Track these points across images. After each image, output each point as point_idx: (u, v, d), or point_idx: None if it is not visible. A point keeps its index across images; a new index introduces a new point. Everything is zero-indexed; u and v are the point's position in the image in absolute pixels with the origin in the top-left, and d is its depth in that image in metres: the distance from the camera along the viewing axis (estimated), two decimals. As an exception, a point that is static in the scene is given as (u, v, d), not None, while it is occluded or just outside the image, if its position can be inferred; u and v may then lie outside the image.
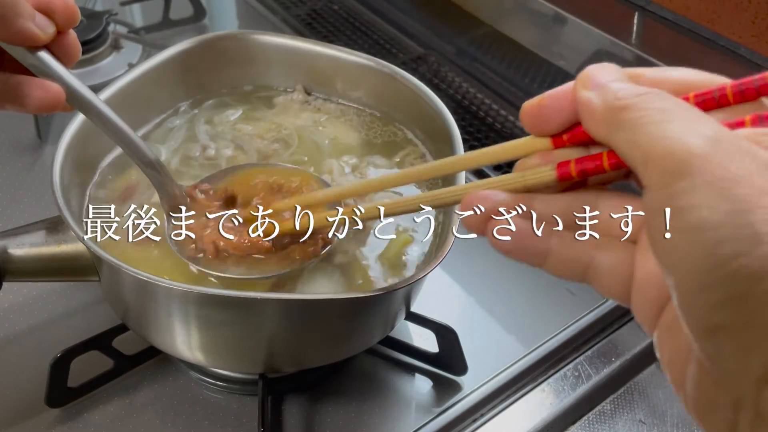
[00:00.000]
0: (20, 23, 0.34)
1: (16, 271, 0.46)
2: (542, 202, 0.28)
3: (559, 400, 0.54)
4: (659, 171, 0.22)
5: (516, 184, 0.28)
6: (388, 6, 1.02)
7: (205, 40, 0.60)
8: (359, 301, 0.44)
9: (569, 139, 0.27)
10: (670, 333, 0.24)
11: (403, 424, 0.52)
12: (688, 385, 0.23)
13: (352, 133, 0.60)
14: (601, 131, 0.25)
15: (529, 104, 0.28)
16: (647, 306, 0.25)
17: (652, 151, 0.22)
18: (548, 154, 0.28)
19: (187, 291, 0.41)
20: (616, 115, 0.24)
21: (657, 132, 0.22)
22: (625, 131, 0.23)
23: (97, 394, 0.52)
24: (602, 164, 0.26)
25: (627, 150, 0.23)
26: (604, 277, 0.26)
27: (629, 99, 0.24)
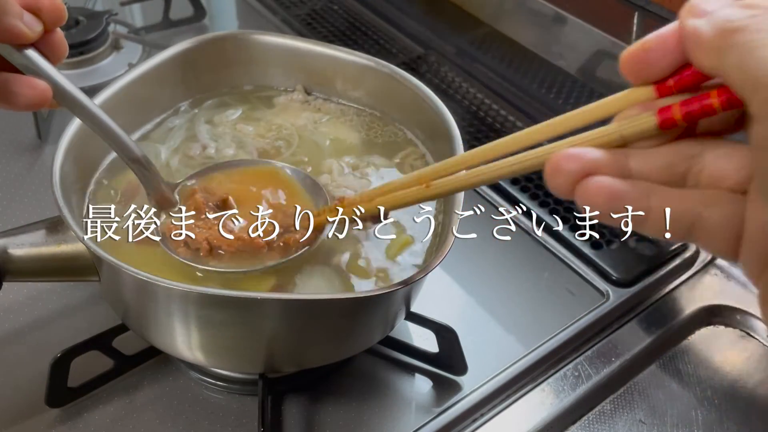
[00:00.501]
0: (8, 21, 0.34)
1: (16, 271, 0.46)
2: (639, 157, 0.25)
3: (559, 400, 0.54)
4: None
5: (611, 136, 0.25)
6: (388, 6, 1.02)
7: (205, 40, 0.60)
8: (359, 301, 0.44)
9: (675, 84, 0.25)
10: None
11: (403, 424, 0.52)
12: None
13: (352, 133, 0.60)
14: (711, 59, 0.23)
15: (630, 50, 0.25)
16: (757, 259, 0.23)
17: (764, 77, 0.20)
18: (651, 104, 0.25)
19: (187, 291, 0.41)
20: (727, 38, 0.22)
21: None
22: (736, 56, 0.21)
23: (97, 394, 0.52)
24: (711, 103, 0.23)
25: (737, 77, 0.21)
26: (713, 233, 0.24)
27: (742, 21, 0.22)
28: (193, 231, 0.45)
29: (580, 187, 0.25)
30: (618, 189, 0.24)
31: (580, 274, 0.63)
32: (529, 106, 0.84)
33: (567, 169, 0.25)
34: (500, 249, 0.66)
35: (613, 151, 0.25)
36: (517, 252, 0.66)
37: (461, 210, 0.46)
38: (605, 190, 0.24)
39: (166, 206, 0.47)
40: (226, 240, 0.44)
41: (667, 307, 0.61)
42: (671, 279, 0.63)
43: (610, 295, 0.61)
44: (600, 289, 0.62)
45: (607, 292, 0.62)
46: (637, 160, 0.25)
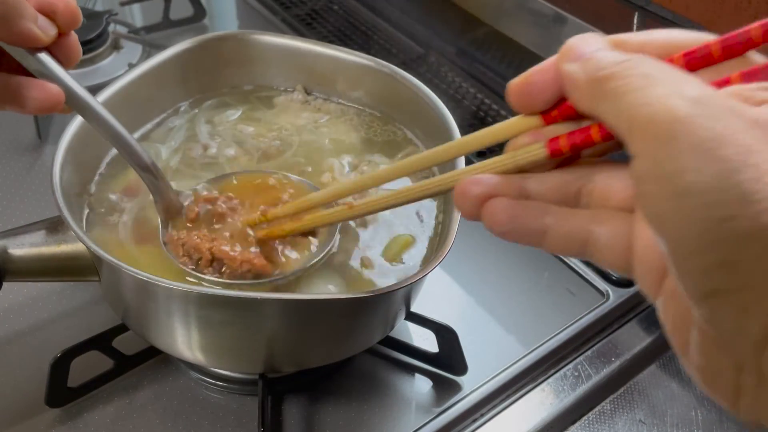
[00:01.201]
0: (22, 24, 0.34)
1: (16, 271, 0.46)
2: (535, 180, 0.27)
3: (559, 400, 0.54)
4: (643, 138, 0.21)
5: (507, 165, 0.28)
6: (388, 6, 1.02)
7: (205, 40, 0.60)
8: (359, 301, 0.44)
9: (559, 114, 0.27)
10: (673, 299, 0.23)
11: (403, 424, 0.52)
12: (692, 351, 0.23)
13: (352, 132, 0.60)
14: (587, 104, 0.24)
15: (514, 82, 0.27)
16: (650, 274, 0.24)
17: (636, 119, 0.21)
18: (539, 132, 0.27)
19: (188, 291, 0.41)
20: (600, 85, 0.23)
21: (639, 99, 0.22)
22: (609, 101, 0.23)
23: (97, 394, 0.52)
24: (592, 136, 0.25)
25: (613, 120, 0.23)
26: (604, 249, 0.26)
27: (611, 68, 0.23)
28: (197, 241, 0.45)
29: (485, 208, 0.27)
30: (516, 209, 0.26)
31: (580, 274, 0.63)
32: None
33: (473, 193, 0.27)
34: (500, 249, 0.66)
35: (511, 176, 0.28)
36: (517, 252, 0.66)
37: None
38: (506, 210, 0.26)
39: (173, 214, 0.46)
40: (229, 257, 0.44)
41: (667, 307, 0.61)
42: (671, 279, 0.63)
43: (610, 295, 0.61)
44: (600, 289, 0.62)
45: (607, 292, 0.62)
46: (533, 182, 0.27)
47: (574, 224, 0.26)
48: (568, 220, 0.26)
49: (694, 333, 0.22)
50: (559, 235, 0.26)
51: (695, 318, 0.22)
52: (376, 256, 0.50)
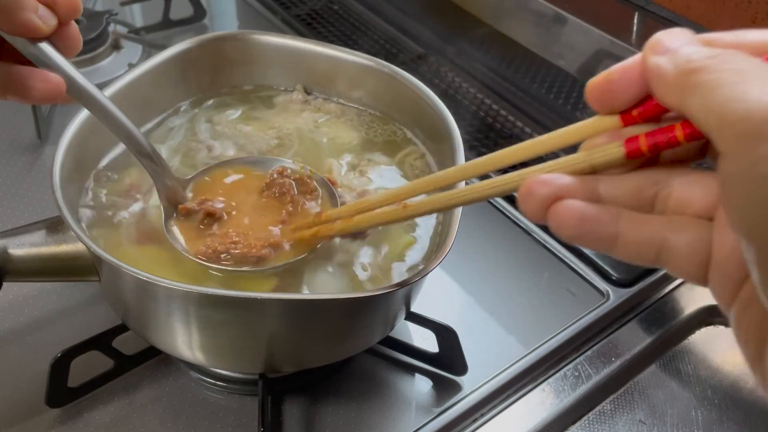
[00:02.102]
0: (24, 15, 0.34)
1: (16, 271, 0.46)
2: (609, 183, 0.26)
3: (559, 400, 0.54)
4: (736, 135, 0.20)
5: (580, 165, 0.26)
6: (388, 6, 1.02)
7: (205, 40, 0.60)
8: (359, 301, 0.44)
9: (640, 115, 0.26)
10: (749, 309, 0.23)
11: (403, 424, 0.52)
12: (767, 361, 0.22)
13: (352, 132, 0.60)
14: (674, 97, 0.23)
15: (595, 80, 0.26)
16: (727, 283, 0.23)
17: (728, 115, 0.20)
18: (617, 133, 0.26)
19: (188, 291, 0.41)
20: (689, 78, 0.22)
21: (733, 94, 0.21)
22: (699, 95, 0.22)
23: (97, 394, 0.52)
24: (676, 136, 0.24)
25: (701, 115, 0.22)
26: (680, 258, 0.25)
27: (702, 61, 0.22)
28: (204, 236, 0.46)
29: (552, 211, 0.25)
30: (588, 212, 0.25)
31: (580, 274, 0.63)
32: (529, 106, 0.84)
33: (539, 193, 0.26)
34: (500, 249, 0.66)
35: (583, 177, 0.26)
36: (517, 252, 0.66)
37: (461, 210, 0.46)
38: (576, 213, 0.25)
39: (176, 202, 0.47)
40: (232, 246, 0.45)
41: (667, 307, 0.61)
42: (671, 279, 0.63)
43: (610, 295, 0.61)
44: (600, 289, 0.62)
45: (607, 292, 0.62)
46: (606, 185, 0.26)
47: (650, 231, 0.25)
48: (643, 226, 0.25)
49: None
50: (633, 242, 0.25)
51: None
52: (376, 256, 0.50)
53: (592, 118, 0.27)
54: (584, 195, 0.26)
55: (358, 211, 0.41)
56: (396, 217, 0.38)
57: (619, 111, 0.26)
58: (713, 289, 0.24)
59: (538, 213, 0.26)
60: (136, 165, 0.53)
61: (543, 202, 0.26)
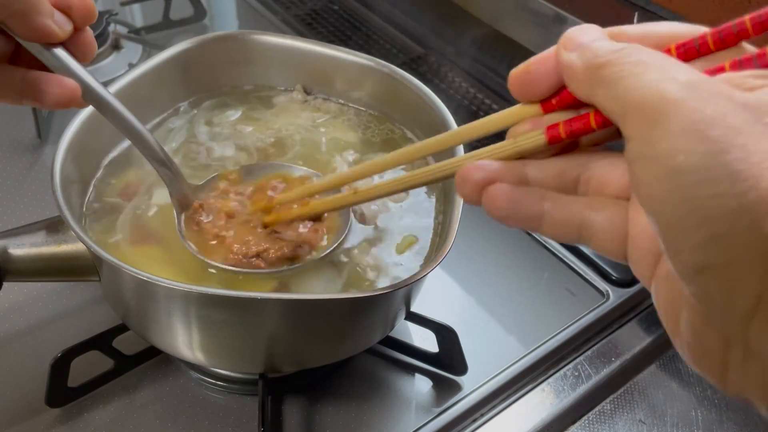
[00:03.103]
0: (39, 20, 0.34)
1: (16, 271, 0.46)
2: (535, 167, 0.28)
3: (559, 400, 0.54)
4: (636, 121, 0.22)
5: (508, 152, 0.28)
6: (388, 6, 1.02)
7: (205, 40, 0.60)
8: (359, 301, 0.44)
9: (558, 103, 0.28)
10: (666, 282, 0.24)
11: (403, 424, 0.52)
12: (682, 330, 0.24)
13: (351, 132, 0.60)
14: (584, 90, 0.25)
15: (515, 71, 0.28)
16: (643, 259, 0.25)
17: (629, 103, 0.22)
18: (539, 120, 0.28)
19: (188, 291, 0.41)
20: (596, 72, 0.24)
21: (633, 83, 0.22)
22: (605, 87, 0.24)
23: (97, 394, 0.52)
24: (589, 123, 0.26)
25: (608, 105, 0.24)
26: (599, 235, 0.27)
27: (607, 56, 0.24)
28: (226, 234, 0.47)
29: (485, 194, 0.28)
30: (515, 194, 0.27)
31: (580, 274, 0.63)
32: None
33: (474, 178, 0.28)
34: (500, 249, 0.66)
35: (512, 162, 0.28)
36: (517, 252, 0.66)
37: (461, 210, 0.46)
38: (505, 195, 0.27)
39: (187, 205, 0.47)
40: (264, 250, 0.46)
41: (667, 307, 0.61)
42: (671, 279, 0.63)
43: (610, 295, 0.61)
44: (600, 289, 0.62)
45: (607, 292, 0.62)
46: (533, 169, 0.28)
47: (571, 210, 0.27)
48: (565, 205, 0.27)
49: (684, 312, 0.23)
50: (556, 221, 0.27)
51: (686, 296, 0.23)
52: (377, 256, 0.50)
53: (516, 106, 0.29)
54: (513, 179, 0.28)
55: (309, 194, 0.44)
56: (347, 202, 0.41)
57: (539, 100, 0.28)
58: (632, 264, 0.26)
59: (473, 196, 0.28)
60: (136, 165, 0.54)
61: (477, 185, 0.28)
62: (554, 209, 0.27)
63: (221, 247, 0.46)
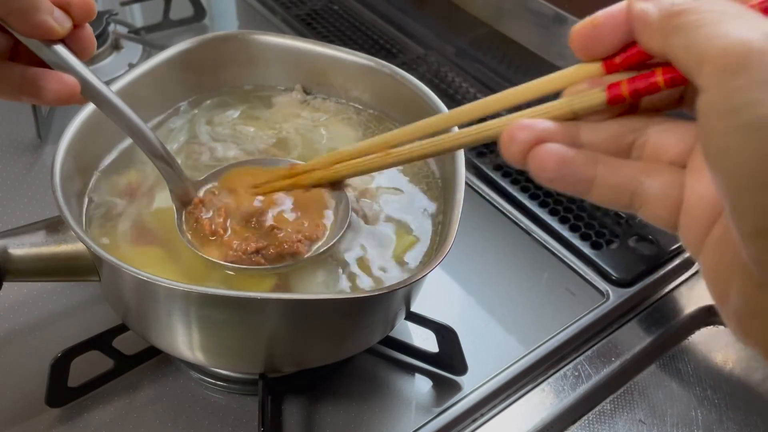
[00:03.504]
0: (39, 17, 0.34)
1: (16, 271, 0.46)
2: (589, 129, 0.27)
3: (559, 400, 0.54)
4: (715, 70, 0.21)
5: (562, 110, 0.27)
6: (388, 6, 1.02)
7: (205, 40, 0.60)
8: (359, 301, 0.44)
9: (623, 62, 0.26)
10: (717, 249, 0.24)
11: (403, 424, 0.52)
12: (733, 297, 0.23)
13: (351, 131, 0.60)
14: (657, 41, 0.24)
15: (580, 25, 0.27)
16: (696, 227, 0.24)
17: (709, 52, 0.21)
18: (599, 80, 0.27)
19: (188, 291, 0.41)
20: (672, 20, 0.23)
21: (713, 32, 0.21)
22: (681, 35, 0.23)
23: (97, 394, 0.52)
24: (656, 81, 0.25)
25: (683, 55, 0.23)
26: (653, 202, 0.26)
27: (686, 3, 0.23)
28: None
29: (532, 153, 0.26)
30: (567, 155, 0.26)
31: (580, 274, 0.63)
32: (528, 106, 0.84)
33: (521, 138, 0.26)
34: (500, 249, 0.66)
35: (564, 123, 0.27)
36: (517, 252, 0.66)
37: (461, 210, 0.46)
38: (555, 156, 0.26)
39: (187, 202, 0.47)
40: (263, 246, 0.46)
41: (667, 307, 0.61)
42: (671, 279, 0.63)
43: (610, 295, 0.61)
44: (600, 289, 0.62)
45: (607, 292, 0.62)
46: (586, 131, 0.27)
47: (625, 175, 0.26)
48: (618, 170, 0.26)
49: (737, 278, 0.23)
50: (608, 185, 0.26)
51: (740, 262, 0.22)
52: (377, 256, 0.50)
53: (575, 66, 0.28)
54: (564, 140, 0.27)
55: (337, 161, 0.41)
56: (379, 165, 0.38)
57: (602, 58, 0.27)
58: (682, 233, 0.25)
59: (519, 157, 0.27)
60: (136, 165, 0.54)
61: (524, 145, 0.26)
62: (607, 173, 0.26)
63: (220, 243, 0.46)
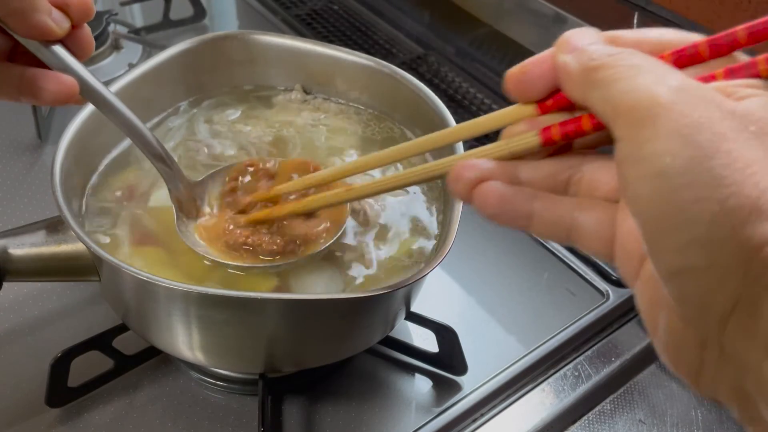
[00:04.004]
0: (37, 17, 0.34)
1: (16, 271, 0.46)
2: (527, 167, 0.28)
3: (559, 400, 0.54)
4: (627, 122, 0.22)
5: (502, 152, 0.29)
6: (388, 6, 1.02)
7: (205, 40, 0.60)
8: (359, 301, 0.44)
9: (554, 104, 0.28)
10: (649, 284, 0.25)
11: (403, 424, 0.52)
12: (661, 330, 0.24)
13: (351, 131, 0.60)
14: (578, 92, 0.25)
15: (512, 71, 0.28)
16: (628, 261, 0.26)
17: (621, 104, 0.23)
18: (534, 121, 0.28)
19: (188, 291, 0.41)
20: (591, 74, 0.24)
21: (626, 86, 0.23)
22: (598, 89, 0.24)
23: (97, 394, 0.52)
24: (582, 126, 0.26)
25: (601, 107, 0.24)
26: (587, 235, 0.27)
27: (602, 59, 0.24)
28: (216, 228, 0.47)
29: (476, 191, 0.28)
30: (506, 192, 0.28)
31: (580, 274, 0.63)
32: None
33: (466, 176, 0.28)
34: (500, 249, 0.66)
35: (505, 162, 0.29)
36: (517, 252, 0.66)
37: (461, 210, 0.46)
38: (496, 193, 0.27)
39: (186, 203, 0.47)
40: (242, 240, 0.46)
41: (667, 307, 0.61)
42: (671, 279, 0.63)
43: (610, 295, 0.61)
44: (600, 289, 0.62)
45: (607, 292, 0.62)
46: (525, 169, 0.28)
47: (560, 210, 0.28)
48: (555, 205, 0.28)
49: (663, 313, 0.24)
50: (546, 220, 0.28)
51: (665, 297, 0.23)
52: (378, 256, 0.50)
53: (513, 105, 0.29)
54: (505, 178, 0.28)
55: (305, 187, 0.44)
56: (341, 199, 0.41)
57: (535, 100, 0.28)
58: (618, 265, 0.26)
59: (464, 194, 0.28)
60: (136, 165, 0.54)
61: (469, 183, 0.28)
62: (544, 209, 0.28)
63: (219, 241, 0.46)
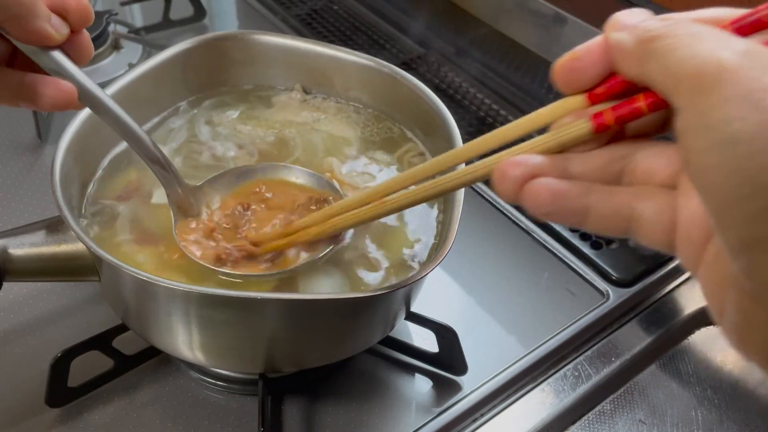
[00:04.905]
0: (36, 23, 0.34)
1: (16, 271, 0.46)
2: (578, 160, 0.27)
3: (559, 400, 0.54)
4: (690, 90, 0.21)
5: (550, 144, 0.27)
6: (388, 6, 1.02)
7: (206, 40, 0.60)
8: (359, 301, 0.44)
9: (605, 92, 0.26)
10: (713, 266, 0.24)
11: (403, 424, 0.52)
12: (728, 310, 0.23)
13: (351, 131, 0.60)
14: (635, 67, 0.24)
15: (561, 60, 0.27)
16: (691, 246, 0.25)
17: (683, 72, 0.22)
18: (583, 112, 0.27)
19: (188, 291, 0.41)
20: (647, 45, 0.24)
21: (686, 53, 0.22)
22: (657, 59, 0.23)
23: (97, 394, 0.52)
24: (639, 106, 0.25)
25: (660, 78, 0.23)
26: (648, 225, 0.26)
27: (659, 29, 0.23)
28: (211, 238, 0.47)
29: (526, 189, 0.26)
30: (559, 188, 0.26)
31: (580, 274, 0.63)
32: (528, 106, 0.84)
33: (513, 174, 0.27)
34: (500, 249, 0.66)
35: (554, 156, 0.27)
36: (517, 252, 0.66)
37: (461, 210, 0.46)
38: (549, 190, 0.26)
39: (185, 207, 0.47)
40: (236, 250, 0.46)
41: (667, 307, 0.61)
42: (671, 279, 0.63)
43: (610, 295, 0.61)
44: (600, 289, 0.62)
45: (607, 292, 0.62)
46: (576, 163, 0.27)
47: (618, 202, 0.26)
48: (611, 197, 0.26)
49: (731, 292, 0.23)
50: (603, 214, 0.26)
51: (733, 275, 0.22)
52: (378, 256, 0.50)
53: (560, 100, 0.28)
54: (555, 173, 0.27)
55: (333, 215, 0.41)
56: (375, 214, 0.38)
57: (584, 90, 0.27)
58: (680, 253, 0.25)
59: (512, 193, 0.27)
60: (136, 165, 0.54)
61: (516, 182, 0.27)
62: (601, 202, 0.26)
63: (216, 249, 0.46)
